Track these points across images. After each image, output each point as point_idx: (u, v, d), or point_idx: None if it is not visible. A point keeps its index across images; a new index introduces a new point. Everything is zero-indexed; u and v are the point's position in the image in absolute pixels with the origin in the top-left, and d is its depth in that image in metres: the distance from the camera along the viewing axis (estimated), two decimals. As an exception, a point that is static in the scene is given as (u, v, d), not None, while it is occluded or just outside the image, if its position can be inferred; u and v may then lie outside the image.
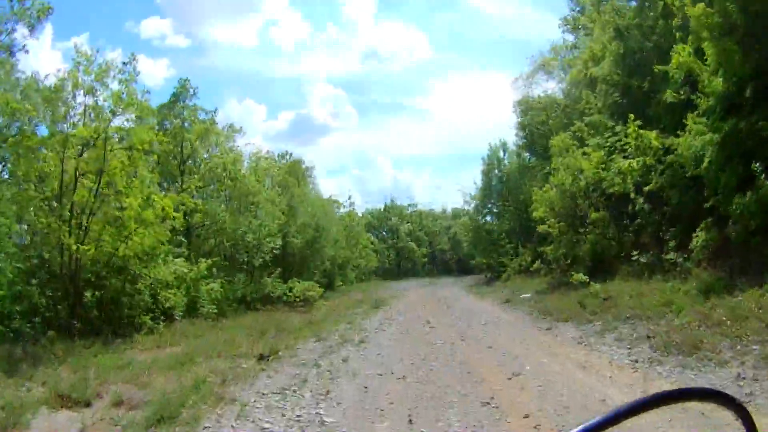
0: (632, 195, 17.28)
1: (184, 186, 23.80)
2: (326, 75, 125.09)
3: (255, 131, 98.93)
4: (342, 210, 49.63)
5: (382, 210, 75.04)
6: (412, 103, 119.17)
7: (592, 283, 16.58)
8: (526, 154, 37.46)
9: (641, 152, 16.89)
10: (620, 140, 18.41)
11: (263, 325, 16.75)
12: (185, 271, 18.56)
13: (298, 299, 25.06)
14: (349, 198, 61.03)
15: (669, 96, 15.45)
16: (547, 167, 30.21)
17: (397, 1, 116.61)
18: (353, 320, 18.61)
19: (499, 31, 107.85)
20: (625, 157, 17.95)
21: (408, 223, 73.84)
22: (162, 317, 16.41)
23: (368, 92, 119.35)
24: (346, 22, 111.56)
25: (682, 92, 15.29)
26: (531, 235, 34.41)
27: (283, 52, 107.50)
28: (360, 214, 60.79)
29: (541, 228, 23.84)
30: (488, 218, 43.65)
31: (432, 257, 75.25)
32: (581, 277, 17.49)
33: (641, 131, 16.70)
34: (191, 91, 25.49)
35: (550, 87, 34.42)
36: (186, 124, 24.93)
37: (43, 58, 44.75)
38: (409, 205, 78.39)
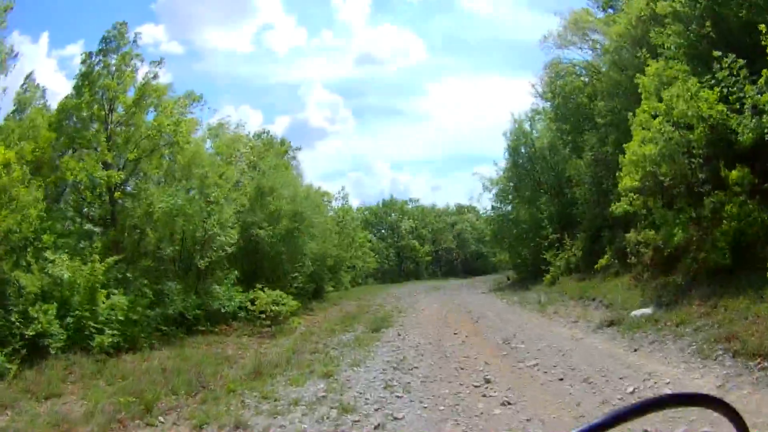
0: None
1: (107, 155, 17.16)
2: (322, 80, 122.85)
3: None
4: (334, 203, 43.18)
5: (380, 206, 68.07)
6: (408, 106, 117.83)
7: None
8: (556, 127, 30.63)
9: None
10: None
11: (151, 378, 9.77)
12: (68, 275, 11.74)
13: (263, 316, 18.02)
14: (342, 189, 50.13)
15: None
16: (592, 138, 24.24)
17: (391, 5, 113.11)
18: (334, 366, 11.19)
19: (493, 32, 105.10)
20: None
21: (409, 219, 66.47)
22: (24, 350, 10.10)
23: (364, 96, 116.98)
24: (340, 27, 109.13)
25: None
26: (573, 224, 28.04)
27: (278, 58, 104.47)
28: (356, 210, 54.59)
29: (620, 207, 17.19)
30: (509, 207, 36.11)
31: (436, 257, 67.89)
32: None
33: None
34: (132, 37, 18.84)
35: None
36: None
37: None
38: (410, 200, 71.60)
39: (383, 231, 65.96)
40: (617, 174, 17.12)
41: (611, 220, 21.70)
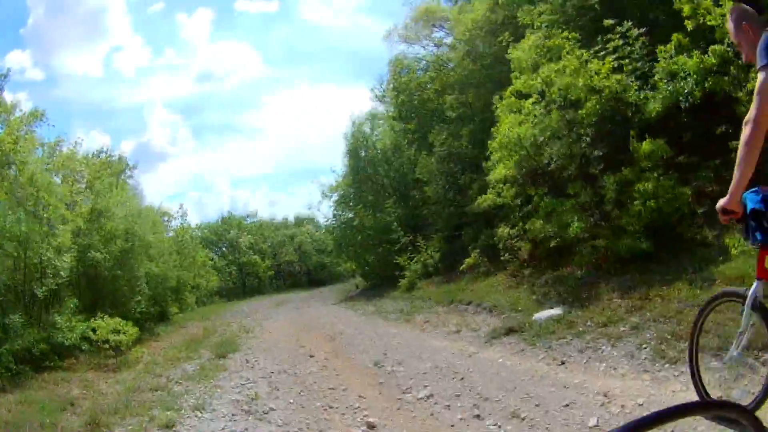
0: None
1: None
2: (163, 99, 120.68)
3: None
4: (174, 223, 39.63)
5: (219, 223, 64.44)
6: (246, 121, 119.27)
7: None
8: (400, 127, 29.91)
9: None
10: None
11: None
12: None
13: (106, 346, 15.42)
14: (181, 207, 47.72)
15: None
16: (442, 134, 23.49)
17: (231, 20, 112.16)
18: (176, 410, 8.35)
19: (332, 43, 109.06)
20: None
21: (248, 234, 63.40)
22: None
23: (203, 114, 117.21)
24: (183, 44, 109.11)
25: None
26: (425, 226, 27.15)
27: (125, 79, 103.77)
28: (195, 228, 50.63)
29: (486, 200, 16.56)
30: (351, 214, 33.96)
31: (278, 271, 65.31)
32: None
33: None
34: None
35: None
36: None
37: None
38: (248, 216, 68.97)
39: (224, 248, 62.18)
40: (485, 164, 16.33)
41: (470, 218, 21.00)
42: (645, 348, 7.41)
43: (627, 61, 11.44)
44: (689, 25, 9.78)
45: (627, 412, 5.75)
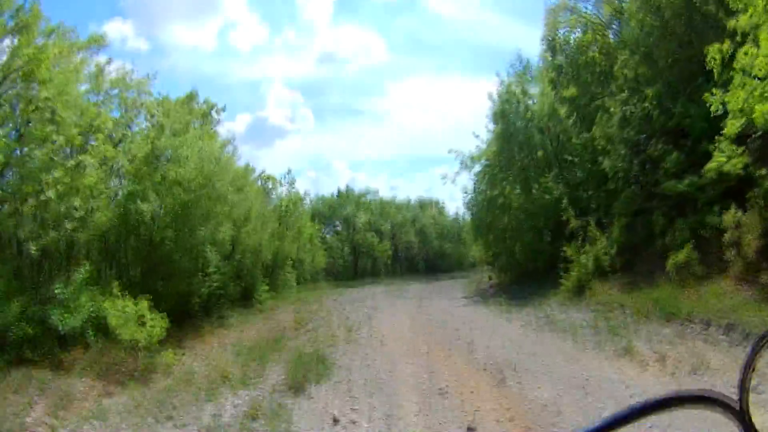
0: None
1: None
2: (283, 78, 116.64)
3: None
4: (281, 190, 35.11)
5: (334, 197, 59.55)
6: (369, 106, 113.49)
7: None
8: (555, 91, 23.44)
9: None
10: None
11: None
12: None
13: (138, 345, 10.37)
14: (289, 173, 40.54)
15: None
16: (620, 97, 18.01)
17: (354, 5, 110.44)
18: None
19: (457, 35, 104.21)
20: None
21: (366, 211, 58.22)
22: None
23: (325, 95, 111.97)
24: (303, 25, 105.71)
25: None
26: (585, 210, 20.80)
27: (241, 55, 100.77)
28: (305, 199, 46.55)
29: (716, 164, 11.81)
30: (495, 191, 26.94)
31: (395, 253, 59.89)
32: None
33: None
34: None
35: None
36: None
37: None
38: (368, 193, 62.86)
39: (338, 226, 57.83)
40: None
41: (658, 201, 15.68)
42: None
43: None
44: None
45: None
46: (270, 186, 33.70)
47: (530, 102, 26.60)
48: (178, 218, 14.42)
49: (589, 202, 21.18)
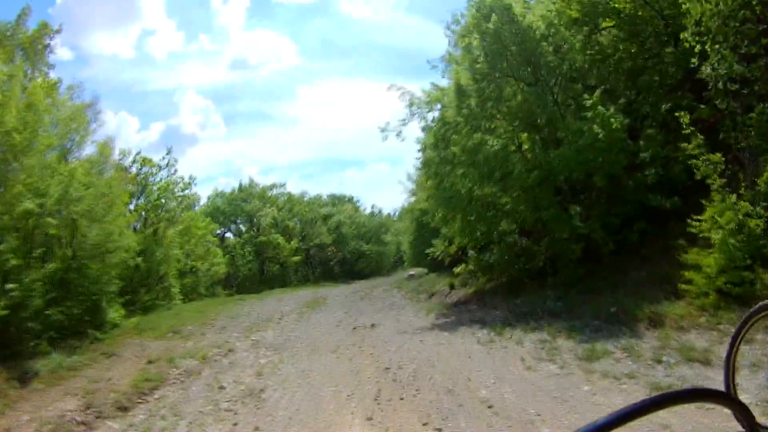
0: None
1: None
2: (197, 85, 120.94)
3: (128, 142, 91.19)
4: (160, 175, 26.89)
5: (235, 192, 51.04)
6: (280, 111, 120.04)
7: None
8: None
9: None
10: None
11: None
12: None
13: None
14: (168, 153, 28.46)
15: None
16: None
17: (267, 9, 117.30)
18: None
19: (368, 37, 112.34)
20: None
21: (272, 207, 50.32)
22: None
23: (236, 101, 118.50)
24: (217, 31, 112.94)
25: None
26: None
27: (157, 63, 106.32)
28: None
29: None
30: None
31: (306, 257, 51.63)
32: None
33: None
34: None
35: None
36: None
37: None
38: (273, 186, 54.36)
39: (239, 224, 50.09)
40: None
41: None
42: None
43: None
44: None
45: None
46: (147, 171, 25.81)
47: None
48: None
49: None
